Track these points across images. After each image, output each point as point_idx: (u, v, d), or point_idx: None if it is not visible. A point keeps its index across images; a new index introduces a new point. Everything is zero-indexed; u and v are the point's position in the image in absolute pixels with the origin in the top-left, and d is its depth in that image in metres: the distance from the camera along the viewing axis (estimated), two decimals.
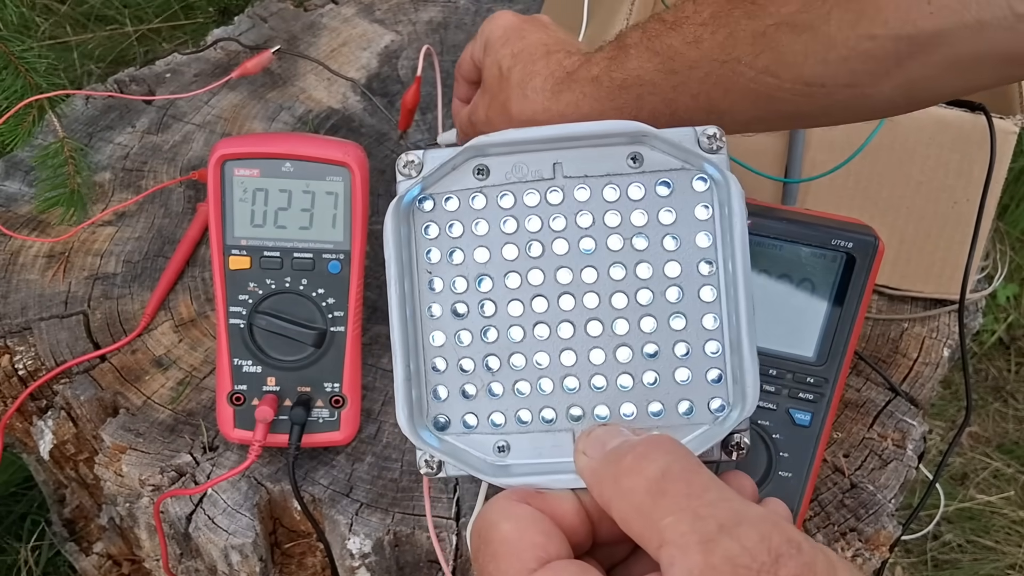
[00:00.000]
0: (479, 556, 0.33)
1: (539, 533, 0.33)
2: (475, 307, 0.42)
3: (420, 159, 0.42)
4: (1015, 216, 1.67)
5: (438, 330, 0.42)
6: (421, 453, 0.41)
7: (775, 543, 0.27)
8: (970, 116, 0.72)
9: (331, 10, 1.03)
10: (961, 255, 0.74)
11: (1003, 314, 1.65)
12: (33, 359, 0.72)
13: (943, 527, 1.37)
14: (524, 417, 0.41)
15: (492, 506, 0.34)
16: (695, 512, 0.29)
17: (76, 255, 0.79)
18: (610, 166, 0.41)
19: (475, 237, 0.42)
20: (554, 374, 0.41)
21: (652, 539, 0.29)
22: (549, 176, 0.42)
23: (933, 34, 0.41)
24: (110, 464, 0.68)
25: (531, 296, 0.41)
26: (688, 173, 0.41)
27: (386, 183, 0.85)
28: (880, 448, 0.69)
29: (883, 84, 0.44)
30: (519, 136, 0.41)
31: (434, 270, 0.42)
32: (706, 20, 0.47)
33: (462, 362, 0.42)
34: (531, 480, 0.38)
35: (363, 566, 0.63)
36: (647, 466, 0.31)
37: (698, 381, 0.41)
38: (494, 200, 0.42)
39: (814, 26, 0.43)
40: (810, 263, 0.62)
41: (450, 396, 0.42)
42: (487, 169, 0.42)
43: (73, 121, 0.89)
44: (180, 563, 0.69)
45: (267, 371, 0.63)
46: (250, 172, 0.61)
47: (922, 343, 0.76)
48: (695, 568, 0.27)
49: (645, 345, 0.41)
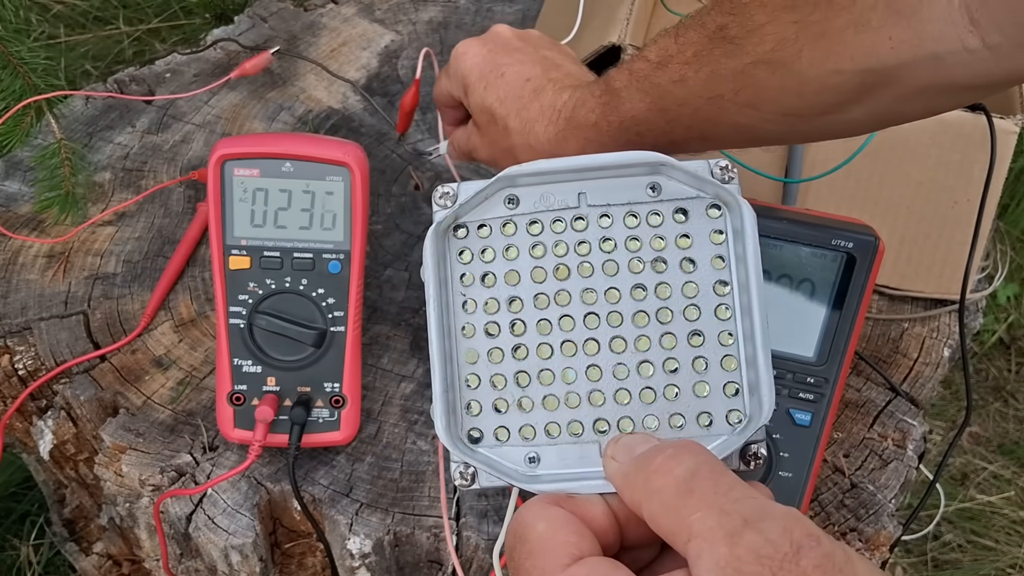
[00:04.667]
0: (515, 554, 0.35)
1: (572, 533, 0.35)
2: (506, 327, 0.44)
3: (455, 191, 0.44)
4: (1015, 216, 1.67)
5: (471, 348, 0.44)
6: (456, 465, 0.43)
7: (796, 536, 0.29)
8: (970, 116, 0.72)
9: (331, 10, 1.03)
10: (961, 255, 0.74)
11: (1003, 314, 1.65)
12: (33, 359, 0.72)
13: (943, 527, 1.37)
14: (552, 431, 0.44)
15: (527, 508, 0.37)
16: (721, 508, 0.31)
17: (76, 255, 0.79)
18: (631, 195, 0.45)
19: (506, 262, 0.45)
20: (581, 389, 0.44)
21: (681, 535, 0.31)
22: (574, 205, 0.45)
23: (895, 67, 0.44)
24: (110, 464, 0.68)
25: (559, 316, 0.44)
26: (702, 201, 0.44)
27: (386, 183, 0.85)
28: (880, 448, 0.69)
29: (853, 112, 0.48)
30: (548, 167, 0.44)
31: (467, 292, 0.44)
32: (689, 59, 0.50)
33: (494, 378, 0.44)
34: (562, 486, 0.40)
35: (363, 566, 0.63)
36: (676, 467, 0.33)
37: (716, 394, 0.43)
38: (523, 227, 0.45)
39: (787, 63, 0.46)
40: (810, 263, 0.62)
41: (483, 411, 0.44)
42: (517, 199, 0.45)
43: (73, 121, 0.89)
44: (180, 563, 0.69)
45: (267, 371, 0.63)
46: (250, 172, 0.61)
47: (922, 343, 0.76)
48: (721, 559, 0.29)
49: (666, 361, 0.43)
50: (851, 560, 0.29)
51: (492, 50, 0.62)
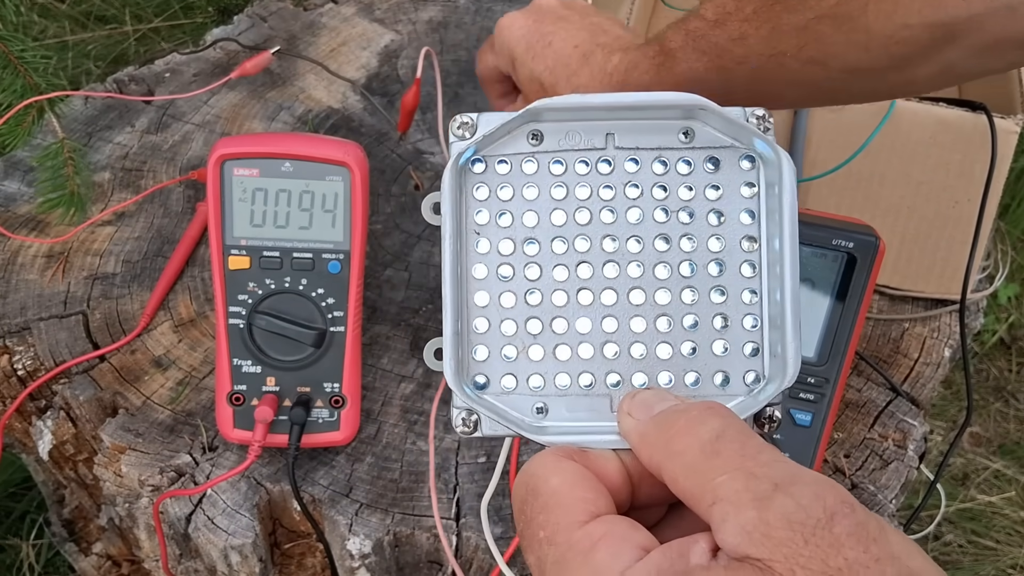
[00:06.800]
0: (526, 508, 0.34)
1: (588, 489, 0.34)
2: (520, 270, 0.42)
3: (474, 121, 0.42)
4: (1016, 216, 1.67)
5: (481, 291, 0.42)
6: (458, 412, 0.41)
7: (830, 502, 0.28)
8: (971, 116, 0.72)
9: (331, 9, 1.03)
10: (962, 255, 0.74)
11: (1004, 314, 1.65)
12: (32, 359, 0.72)
13: (944, 527, 1.37)
14: (562, 381, 0.42)
15: (539, 460, 0.35)
16: (749, 471, 0.30)
17: (75, 255, 0.78)
18: (661, 140, 0.43)
19: (525, 201, 0.43)
20: (595, 340, 0.42)
21: (704, 498, 0.30)
22: (601, 146, 0.43)
23: (966, 19, 0.43)
24: (109, 464, 0.67)
25: (576, 262, 0.42)
26: (736, 151, 0.43)
27: (386, 183, 0.85)
28: (881, 448, 0.69)
29: (922, 67, 0.46)
30: (579, 102, 0.42)
31: (482, 231, 0.43)
32: (749, 16, 0.49)
33: (504, 324, 0.42)
34: (571, 439, 0.39)
35: (363, 566, 0.63)
36: (700, 428, 0.32)
37: (735, 354, 0.42)
38: (545, 166, 0.43)
39: (853, 17, 0.45)
40: (811, 263, 0.62)
41: (490, 357, 0.42)
42: (541, 135, 0.43)
43: (72, 121, 0.89)
44: (179, 563, 0.69)
45: (267, 371, 0.63)
46: (250, 172, 0.61)
47: (923, 343, 0.76)
48: (748, 523, 0.28)
49: (685, 316, 0.42)
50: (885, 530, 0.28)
51: (537, 20, 0.60)
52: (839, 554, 0.27)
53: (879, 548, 0.27)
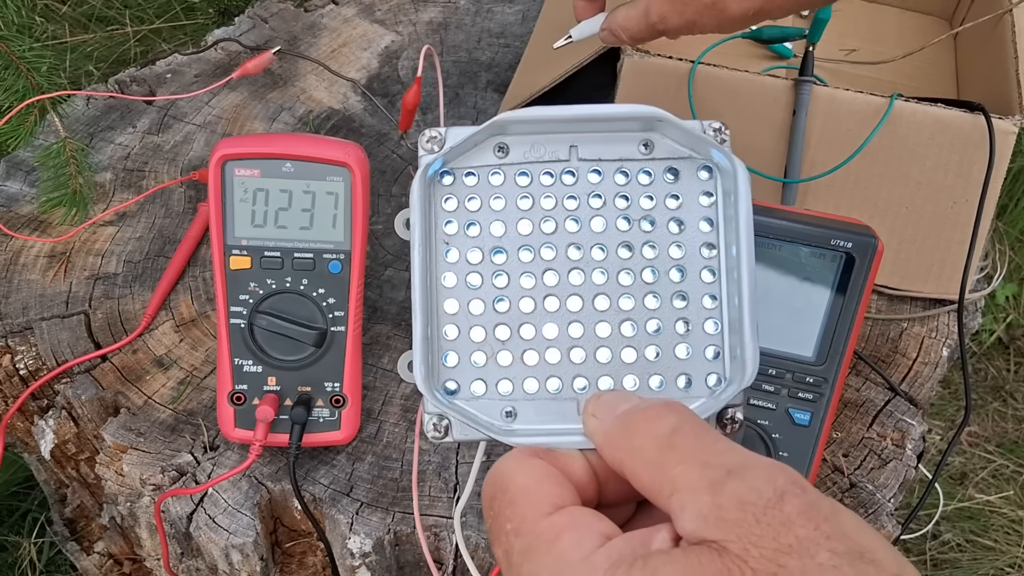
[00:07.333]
0: (494, 504, 0.35)
1: (554, 484, 0.34)
2: (488, 278, 0.43)
3: (442, 135, 0.44)
4: (1014, 216, 1.68)
5: (451, 298, 0.43)
6: (429, 418, 0.42)
7: (780, 483, 0.29)
8: (969, 116, 0.72)
9: (331, 11, 1.03)
10: (960, 255, 0.75)
11: (1002, 314, 1.65)
12: (34, 359, 0.73)
13: (942, 526, 1.37)
14: (530, 387, 0.43)
15: (508, 460, 0.36)
16: (704, 461, 0.30)
17: (77, 255, 0.79)
18: (623, 151, 0.44)
19: (492, 212, 0.44)
20: (561, 345, 0.43)
21: (663, 490, 0.31)
22: (565, 158, 0.44)
23: None
24: (111, 463, 0.68)
25: (542, 270, 0.44)
26: (694, 162, 0.44)
27: (386, 183, 0.86)
28: (879, 448, 0.69)
29: None
30: (541, 115, 0.44)
31: (451, 241, 0.44)
32: None
33: (472, 331, 0.43)
34: (541, 440, 0.40)
35: (363, 565, 0.63)
36: (658, 424, 0.33)
37: (697, 357, 0.43)
38: (512, 178, 0.44)
39: None
40: (809, 263, 0.62)
41: (460, 363, 0.43)
42: (507, 147, 0.44)
43: (74, 121, 0.89)
44: (181, 562, 0.69)
45: (268, 371, 0.63)
46: (251, 172, 0.62)
47: (921, 343, 0.76)
48: (704, 508, 0.29)
49: (648, 321, 0.43)
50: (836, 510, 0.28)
51: None
52: (790, 532, 0.27)
53: (830, 526, 0.28)
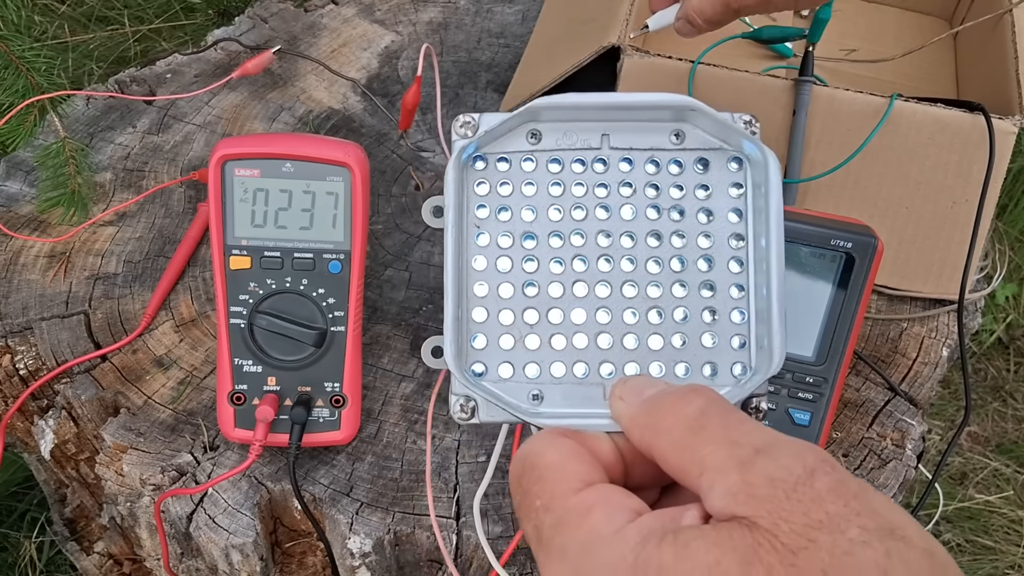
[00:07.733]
0: (522, 481, 0.35)
1: (582, 462, 0.35)
2: (518, 263, 0.44)
3: (476, 120, 0.44)
4: (1014, 216, 1.68)
5: (481, 281, 0.44)
6: (456, 398, 0.42)
7: (810, 461, 0.29)
8: (969, 116, 0.72)
9: (331, 11, 1.03)
10: (960, 255, 0.75)
11: (1002, 314, 1.65)
12: (34, 359, 0.73)
13: (942, 527, 1.37)
14: (557, 371, 0.43)
15: (536, 439, 0.36)
16: (733, 440, 0.31)
17: (77, 255, 0.79)
18: (654, 141, 0.45)
19: (523, 198, 0.44)
20: (589, 331, 0.43)
21: (692, 470, 0.31)
22: (596, 146, 0.45)
23: None
24: (111, 464, 0.68)
25: (572, 256, 0.44)
26: (724, 153, 0.44)
27: (386, 183, 0.86)
28: (879, 448, 0.69)
29: None
30: (575, 101, 0.44)
31: (482, 225, 0.44)
32: None
33: (501, 314, 0.44)
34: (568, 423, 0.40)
35: (363, 565, 0.63)
36: (686, 407, 0.33)
37: (723, 346, 0.43)
38: (543, 164, 0.45)
39: None
40: (809, 263, 0.62)
41: (488, 346, 0.44)
42: (540, 134, 0.45)
43: (74, 121, 0.89)
44: (181, 562, 0.69)
45: (267, 371, 0.63)
46: (251, 172, 0.62)
47: (921, 343, 0.76)
48: (733, 486, 0.29)
49: (675, 310, 0.44)
50: (866, 489, 0.29)
51: None
52: (820, 508, 0.27)
53: (859, 503, 0.28)
